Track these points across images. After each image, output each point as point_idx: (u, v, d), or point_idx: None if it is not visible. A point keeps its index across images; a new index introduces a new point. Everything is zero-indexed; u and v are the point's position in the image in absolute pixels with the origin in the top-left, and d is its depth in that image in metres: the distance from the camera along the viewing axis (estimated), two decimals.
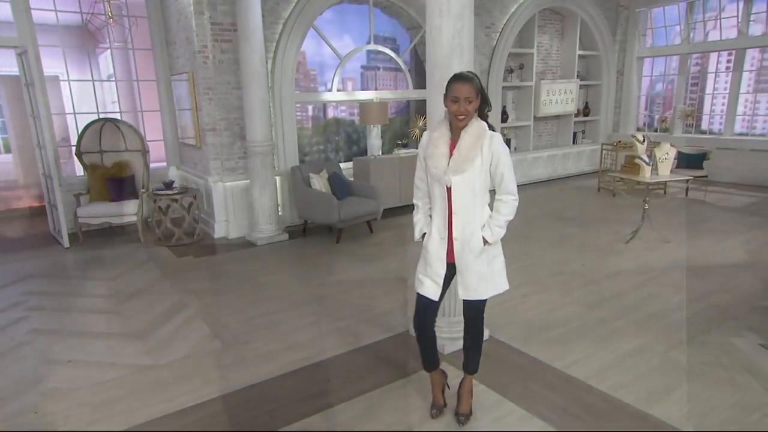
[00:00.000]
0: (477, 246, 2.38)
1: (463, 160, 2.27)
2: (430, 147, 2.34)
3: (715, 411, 2.60)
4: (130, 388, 2.98)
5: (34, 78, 5.55)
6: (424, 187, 2.46)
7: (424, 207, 2.50)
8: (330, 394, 2.86)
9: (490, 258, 2.43)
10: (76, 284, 4.80)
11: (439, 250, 2.40)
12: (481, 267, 2.41)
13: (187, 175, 6.87)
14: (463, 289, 2.45)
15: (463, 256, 2.39)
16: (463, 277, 2.42)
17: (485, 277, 2.43)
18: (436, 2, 2.94)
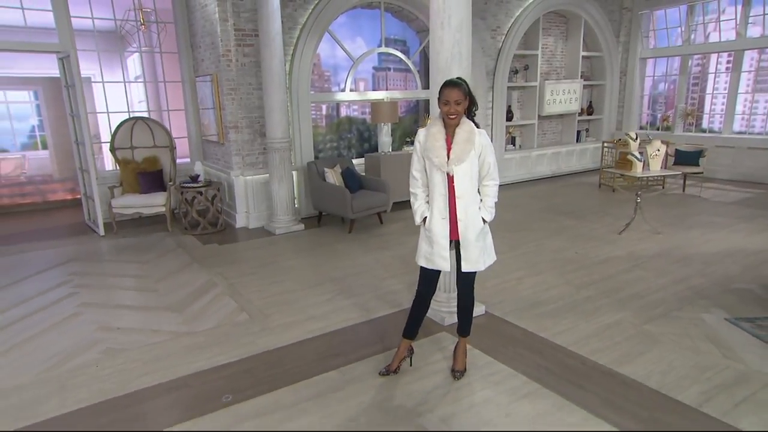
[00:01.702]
0: (477, 225, 2.82)
1: (461, 152, 2.70)
2: (429, 141, 2.78)
3: (675, 370, 3.02)
4: (172, 349, 3.47)
5: (74, 80, 6.08)
6: (421, 177, 2.89)
7: (423, 195, 2.93)
8: (344, 355, 3.32)
9: (484, 235, 2.88)
10: (114, 267, 5.31)
11: (442, 229, 2.83)
12: (479, 243, 2.85)
13: (210, 169, 7.37)
14: (466, 263, 2.88)
15: (467, 234, 2.82)
16: (467, 252, 2.85)
17: (482, 251, 2.87)
18: (438, 16, 3.37)
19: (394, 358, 3.10)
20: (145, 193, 6.64)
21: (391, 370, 3.06)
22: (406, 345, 3.09)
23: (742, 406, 2.65)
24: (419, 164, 2.87)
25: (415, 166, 2.89)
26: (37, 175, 9.40)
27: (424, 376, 3.05)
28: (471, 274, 2.93)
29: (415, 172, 2.90)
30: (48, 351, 3.47)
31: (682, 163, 8.04)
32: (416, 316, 3.04)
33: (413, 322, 3.05)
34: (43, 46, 6.24)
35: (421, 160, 2.85)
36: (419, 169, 2.88)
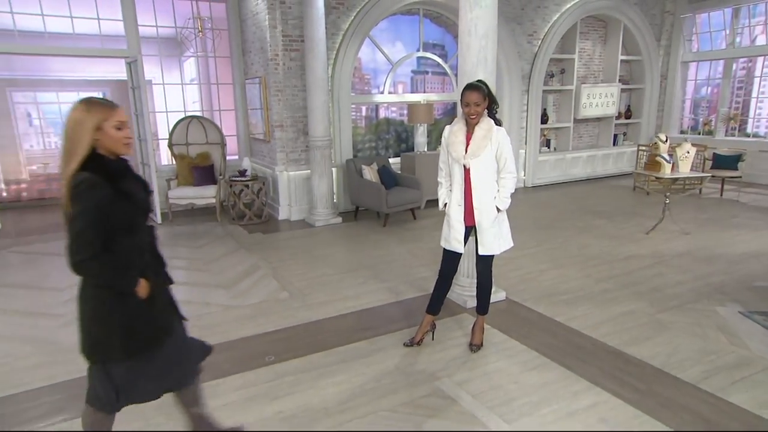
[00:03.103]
0: (491, 213, 3.14)
1: (477, 148, 3.03)
2: (451, 137, 3.12)
3: (680, 352, 3.22)
4: (223, 318, 3.95)
5: (140, 82, 6.75)
6: (446, 168, 3.23)
7: (446, 183, 3.27)
8: (373, 329, 3.69)
9: (499, 222, 3.19)
10: (170, 250, 5.89)
11: (458, 214, 3.17)
12: (494, 230, 3.17)
13: (256, 165, 7.93)
14: (482, 247, 3.20)
15: (481, 221, 3.15)
16: (482, 237, 3.18)
17: (497, 237, 3.19)
18: (466, 24, 3.71)
19: (417, 330, 3.45)
20: (198, 186, 7.25)
21: (414, 341, 3.41)
22: (429, 320, 3.43)
23: (738, 384, 2.85)
24: (444, 157, 3.22)
25: (442, 158, 3.24)
26: None
27: (444, 349, 3.38)
28: (488, 257, 3.24)
29: (441, 164, 3.25)
30: None
31: (721, 167, 7.99)
32: (438, 294, 3.38)
33: (436, 298, 3.39)
34: (115, 52, 6.95)
35: (446, 153, 3.19)
36: (444, 161, 3.23)
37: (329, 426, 2.59)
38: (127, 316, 1.97)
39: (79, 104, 1.89)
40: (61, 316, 4.02)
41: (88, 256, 1.81)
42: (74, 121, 1.86)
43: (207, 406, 2.43)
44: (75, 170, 1.82)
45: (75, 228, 1.81)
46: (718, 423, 2.53)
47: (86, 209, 1.80)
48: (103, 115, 1.87)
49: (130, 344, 1.99)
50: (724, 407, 2.65)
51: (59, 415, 2.74)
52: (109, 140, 1.89)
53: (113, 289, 1.93)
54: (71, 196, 1.81)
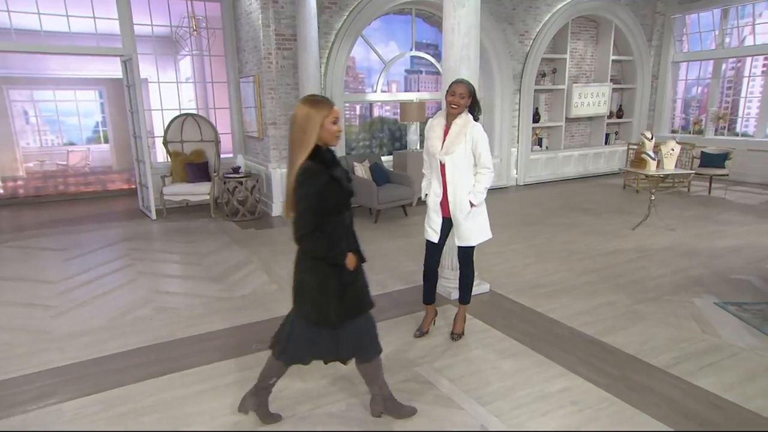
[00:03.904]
0: (466, 207, 3.23)
1: (451, 144, 3.14)
2: (429, 132, 3.22)
3: (653, 340, 3.33)
4: (213, 309, 4.04)
5: (135, 80, 6.85)
6: (429, 160, 3.33)
7: (430, 175, 3.37)
8: None
9: (475, 215, 3.29)
10: (164, 245, 5.99)
11: (435, 205, 3.28)
12: (469, 222, 3.27)
13: (250, 162, 8.03)
14: (458, 239, 3.31)
15: (456, 214, 3.25)
16: (458, 229, 3.29)
17: (473, 229, 3.29)
18: (449, 22, 3.81)
19: (423, 321, 3.57)
20: (193, 183, 7.34)
21: (423, 331, 3.51)
22: (430, 309, 3.56)
23: (706, 369, 2.95)
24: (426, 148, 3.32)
25: (426, 150, 3.34)
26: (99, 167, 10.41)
27: (427, 338, 3.48)
28: (466, 248, 3.34)
29: (425, 155, 3.35)
30: (111, 307, 4.12)
31: (708, 165, 8.11)
32: (428, 285, 3.51)
33: (426, 290, 3.52)
34: (110, 50, 7.05)
35: None
36: (426, 152, 3.32)
37: (310, 408, 2.69)
38: (341, 285, 2.27)
39: (306, 101, 2.17)
40: (54, 307, 4.12)
41: (308, 231, 2.14)
42: (305, 117, 2.12)
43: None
44: (305, 159, 2.12)
45: (300, 208, 2.13)
46: (682, 404, 2.64)
47: (310, 193, 2.10)
48: (326, 111, 2.14)
49: (344, 311, 2.29)
50: (690, 390, 2.76)
51: (50, 398, 2.83)
52: (327, 133, 2.16)
53: (327, 260, 2.23)
54: (299, 181, 2.11)
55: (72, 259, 5.42)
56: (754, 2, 8.98)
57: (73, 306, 4.14)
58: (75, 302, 4.22)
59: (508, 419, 2.56)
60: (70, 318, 3.91)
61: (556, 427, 2.49)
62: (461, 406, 2.67)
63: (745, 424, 2.48)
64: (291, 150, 2.17)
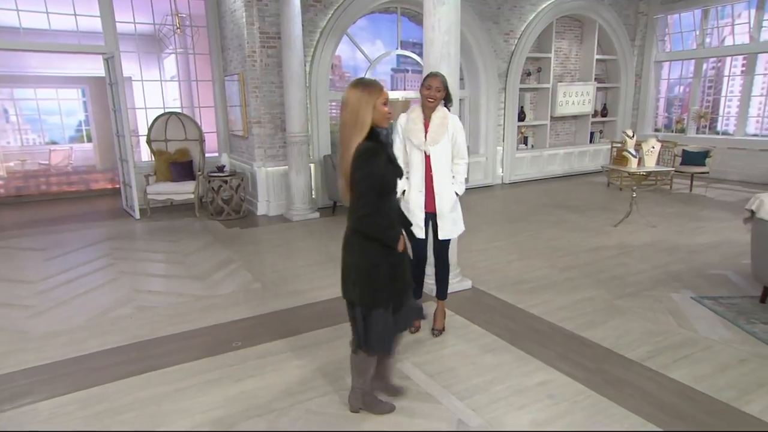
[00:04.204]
0: (451, 198, 3.26)
1: (436, 134, 3.15)
2: (409, 124, 3.23)
3: (630, 334, 3.38)
4: (194, 307, 4.02)
5: (117, 78, 6.77)
6: (402, 155, 3.34)
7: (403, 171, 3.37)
8: (340, 316, 3.78)
9: (456, 208, 3.32)
10: (147, 244, 5.95)
11: (419, 200, 3.29)
12: (453, 214, 3.30)
13: (235, 161, 7.99)
14: (441, 231, 3.33)
15: (442, 207, 3.27)
16: (443, 222, 3.30)
17: (454, 222, 3.31)
18: (430, 20, 3.82)
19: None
20: (177, 182, 7.29)
21: (415, 325, 3.51)
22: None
23: (680, 361, 3.00)
24: (401, 144, 3.32)
25: (397, 146, 3.34)
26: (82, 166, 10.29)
27: (407, 334, 3.49)
28: (446, 242, 3.36)
29: (397, 151, 3.35)
30: (91, 306, 4.08)
31: (689, 163, 8.22)
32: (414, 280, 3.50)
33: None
34: (91, 48, 6.96)
35: (403, 141, 3.30)
36: (400, 149, 3.33)
37: (289, 404, 2.69)
38: (391, 267, 2.29)
39: (357, 85, 2.21)
40: (32, 307, 4.07)
41: (370, 212, 2.16)
42: (357, 100, 2.16)
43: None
44: (362, 141, 2.15)
45: (360, 188, 2.14)
46: (656, 396, 2.68)
47: (370, 173, 2.12)
48: (378, 93, 2.19)
49: (393, 292, 2.31)
50: (663, 382, 2.80)
51: (26, 398, 2.80)
52: (379, 115, 2.20)
53: (381, 241, 2.24)
54: (357, 162, 2.13)
55: (52, 258, 5.35)
56: (733, 3, 9.13)
57: (52, 305, 4.09)
58: (54, 302, 4.17)
59: (485, 413, 2.58)
60: (48, 318, 3.86)
61: (531, 419, 2.52)
62: (439, 401, 2.69)
63: (716, 414, 2.52)
64: (345, 132, 2.20)
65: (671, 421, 2.47)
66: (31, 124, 11.07)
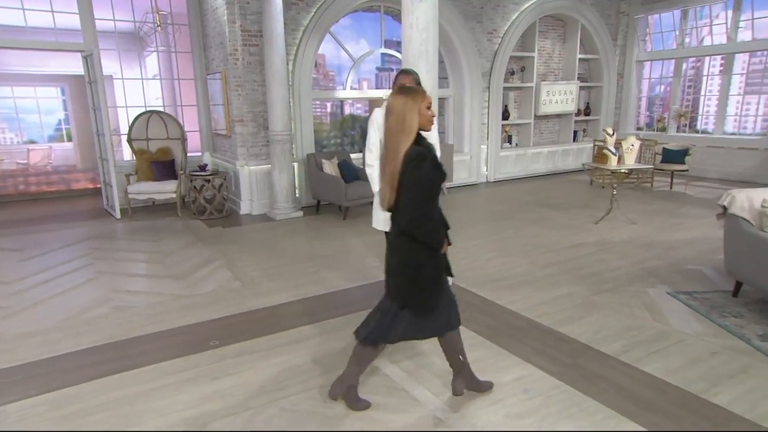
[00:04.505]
0: None
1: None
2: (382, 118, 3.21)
3: (606, 329, 3.42)
4: (172, 307, 3.98)
5: (97, 76, 6.68)
6: (377, 150, 3.34)
7: (378, 165, 3.37)
8: (320, 314, 3.79)
9: None
10: (127, 244, 5.88)
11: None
12: None
13: (218, 160, 7.93)
14: None
15: None
16: None
17: None
18: (408, 18, 3.83)
19: None
20: (158, 181, 7.21)
21: None
22: None
23: (654, 355, 3.05)
24: (376, 138, 3.32)
25: (372, 141, 3.34)
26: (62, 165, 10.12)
27: None
28: None
29: (372, 146, 3.35)
30: (67, 306, 4.02)
31: (669, 161, 8.34)
32: None
33: None
34: (70, 45, 6.86)
35: (378, 135, 3.29)
36: (376, 143, 3.33)
37: (264, 402, 2.68)
38: (434, 269, 2.36)
39: (401, 92, 2.29)
40: (6, 307, 4.01)
41: (419, 215, 2.21)
42: (403, 105, 2.23)
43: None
44: (410, 146, 2.21)
45: (410, 192, 2.20)
46: (629, 389, 2.71)
47: (419, 177, 2.19)
48: (422, 97, 2.26)
49: (435, 292, 2.39)
50: (637, 375, 2.84)
51: None
52: (424, 118, 2.27)
53: (427, 243, 2.29)
54: (407, 167, 2.19)
55: (29, 259, 5.26)
56: (710, 4, 9.28)
57: (27, 306, 4.03)
58: (29, 302, 4.10)
59: (460, 408, 2.59)
60: (22, 318, 3.80)
61: (505, 414, 2.53)
62: (415, 398, 2.69)
63: (685, 406, 2.56)
64: (391, 138, 2.24)
65: (642, 413, 2.50)
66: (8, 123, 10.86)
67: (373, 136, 3.34)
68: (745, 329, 3.31)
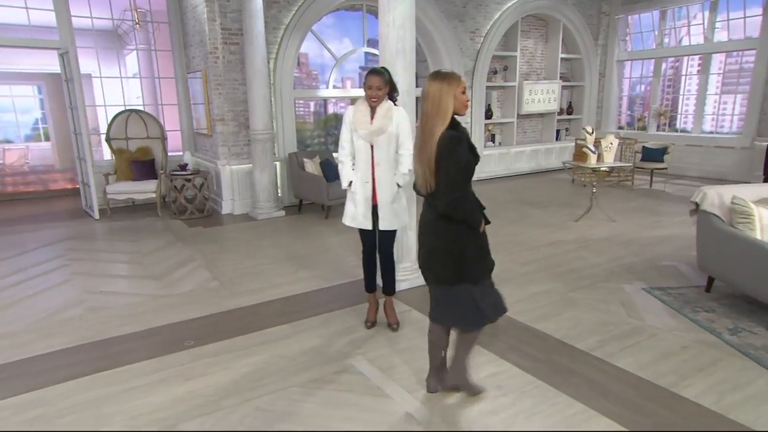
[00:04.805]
0: (392, 189, 3.26)
1: (380, 125, 3.15)
2: (357, 115, 3.20)
3: (582, 324, 3.45)
4: (148, 307, 3.93)
5: (73, 75, 6.57)
6: (349, 147, 3.32)
7: (349, 162, 3.35)
8: (298, 313, 3.77)
9: (399, 199, 3.32)
10: (105, 244, 5.79)
11: (364, 191, 3.27)
12: (395, 205, 3.30)
13: (199, 160, 7.85)
14: (382, 221, 3.32)
15: (382, 197, 3.26)
16: (383, 212, 3.29)
17: (396, 212, 3.31)
18: (384, 15, 3.82)
19: (368, 312, 3.58)
20: (138, 181, 7.12)
21: (371, 321, 3.53)
22: (372, 299, 3.57)
23: (627, 350, 3.08)
24: (348, 135, 3.30)
25: (345, 137, 3.32)
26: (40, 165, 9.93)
27: (364, 330, 3.49)
28: (389, 234, 3.36)
29: (344, 143, 3.33)
30: (39, 308, 3.94)
31: (649, 159, 8.45)
32: (367, 272, 3.53)
33: (366, 277, 3.54)
34: (45, 42, 6.73)
35: (350, 132, 3.28)
36: (348, 140, 3.31)
37: (237, 402, 2.65)
38: (477, 247, 2.42)
39: (437, 77, 2.32)
40: None
41: (459, 195, 2.27)
42: (440, 91, 2.27)
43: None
44: (445, 129, 2.25)
45: (449, 174, 2.25)
46: (601, 383, 2.74)
47: (456, 160, 2.24)
48: (457, 82, 2.30)
49: (479, 270, 2.46)
50: (609, 370, 2.87)
51: None
52: (459, 103, 2.32)
53: (467, 223, 2.35)
54: (444, 150, 2.23)
55: (3, 260, 5.15)
56: (688, 5, 9.42)
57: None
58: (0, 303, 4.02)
59: (433, 405, 2.59)
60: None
61: (478, 410, 2.54)
62: (389, 395, 2.69)
63: (655, 399, 2.59)
64: (427, 122, 2.29)
65: (612, 407, 2.53)
66: None
67: (345, 133, 3.33)
68: (715, 323, 3.36)
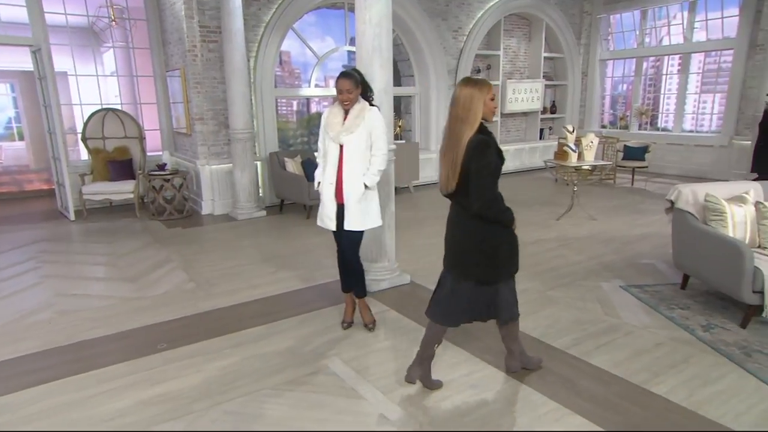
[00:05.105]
0: (359, 190, 3.20)
1: (351, 125, 3.11)
2: (330, 117, 3.18)
3: (559, 323, 3.45)
4: (121, 310, 3.85)
5: (46, 72, 6.43)
6: (323, 148, 3.29)
7: (322, 164, 3.32)
8: (275, 314, 3.72)
9: (367, 200, 3.26)
10: (80, 246, 5.67)
11: (330, 192, 3.23)
12: (361, 205, 3.24)
13: (179, 160, 7.73)
14: (347, 221, 3.25)
15: (348, 197, 3.21)
16: (348, 212, 3.23)
17: (364, 214, 3.26)
18: (361, 13, 3.79)
19: (344, 312, 3.54)
20: (115, 181, 6.98)
21: (348, 322, 3.49)
22: (349, 299, 3.52)
23: (602, 348, 3.09)
24: (322, 137, 3.27)
25: (320, 139, 3.29)
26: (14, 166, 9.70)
27: (339, 330, 3.45)
28: (353, 235, 3.30)
29: (320, 144, 3.31)
30: (7, 311, 3.84)
31: (630, 158, 8.53)
32: (342, 272, 3.48)
33: (342, 277, 3.50)
34: (17, 39, 6.58)
35: (324, 134, 3.25)
36: (322, 141, 3.28)
37: (207, 405, 2.60)
38: (509, 245, 2.56)
39: (468, 83, 2.42)
40: None
41: (492, 197, 2.38)
42: (470, 96, 2.37)
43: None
44: (473, 134, 2.34)
45: (480, 177, 2.34)
46: (574, 381, 2.74)
47: (487, 163, 2.34)
48: (487, 89, 2.40)
49: (512, 267, 2.63)
50: (584, 368, 2.87)
51: None
52: (487, 110, 2.41)
53: (500, 222, 2.47)
54: (472, 154, 2.33)
55: None
56: (668, 5, 9.52)
57: None
58: None
59: (407, 406, 2.57)
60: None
61: (452, 409, 2.52)
62: (363, 396, 2.65)
63: (627, 396, 2.59)
64: (455, 126, 2.38)
65: (585, 405, 2.52)
66: None
67: (321, 135, 3.29)
68: (690, 320, 3.39)
